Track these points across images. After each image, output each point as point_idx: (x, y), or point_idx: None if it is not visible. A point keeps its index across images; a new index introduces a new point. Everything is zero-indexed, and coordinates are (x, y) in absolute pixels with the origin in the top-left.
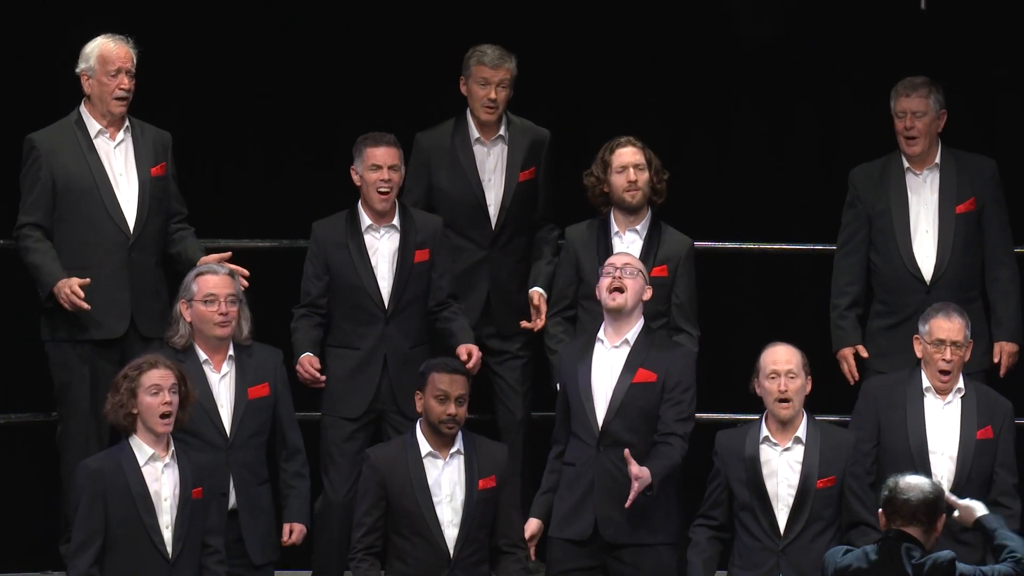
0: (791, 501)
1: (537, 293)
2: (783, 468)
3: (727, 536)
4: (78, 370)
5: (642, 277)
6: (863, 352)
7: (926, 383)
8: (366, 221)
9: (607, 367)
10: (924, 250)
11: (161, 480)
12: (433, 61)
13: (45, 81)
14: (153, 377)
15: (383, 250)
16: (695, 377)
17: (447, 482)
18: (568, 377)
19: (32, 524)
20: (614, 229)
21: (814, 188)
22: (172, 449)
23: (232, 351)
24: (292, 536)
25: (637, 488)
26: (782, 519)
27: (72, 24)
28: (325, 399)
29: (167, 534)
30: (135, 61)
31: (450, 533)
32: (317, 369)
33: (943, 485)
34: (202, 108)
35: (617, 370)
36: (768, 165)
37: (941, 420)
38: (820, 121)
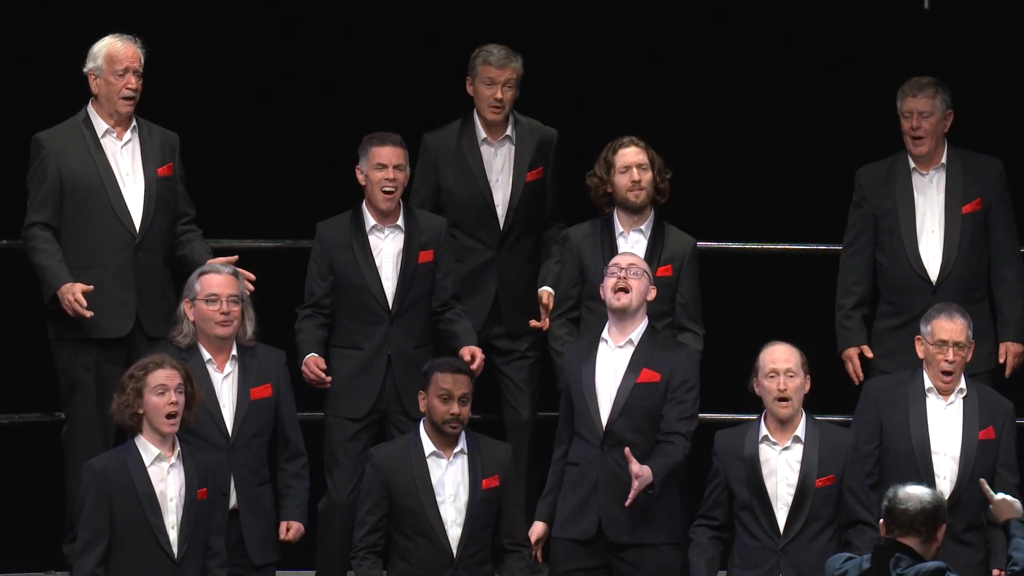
0: (790, 500)
1: (546, 292)
2: (782, 467)
3: (727, 536)
4: (84, 370)
5: (647, 277)
6: (868, 352)
7: (928, 384)
8: (370, 221)
9: (611, 367)
10: (930, 250)
11: (167, 480)
12: (438, 62)
13: (52, 81)
14: (159, 377)
15: (387, 250)
16: (699, 377)
17: (450, 482)
18: (572, 377)
19: (35, 524)
20: (618, 229)
21: (817, 188)
22: (178, 449)
23: (235, 351)
24: (289, 533)
25: (638, 486)
26: (781, 518)
27: (75, 25)
28: (329, 399)
29: (173, 534)
30: (143, 61)
31: (453, 533)
32: (323, 370)
33: (945, 486)
34: (205, 108)
35: (621, 370)
36: (771, 165)
37: (943, 421)
38: (823, 121)
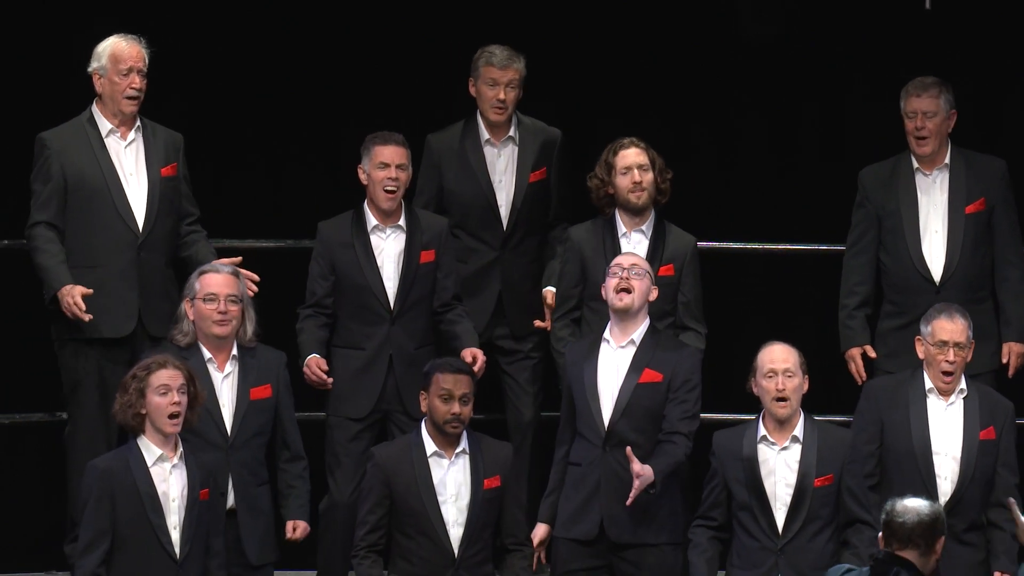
0: (789, 500)
1: (551, 292)
2: (781, 467)
3: (726, 536)
4: (87, 370)
5: (649, 278)
6: (871, 352)
7: (929, 384)
8: (372, 221)
9: (613, 367)
10: (934, 250)
11: (169, 481)
12: (439, 63)
13: (53, 82)
14: (162, 377)
15: (389, 250)
16: (701, 376)
17: (452, 482)
18: (574, 377)
19: (36, 524)
20: (620, 230)
21: (817, 188)
22: (180, 450)
23: (236, 351)
24: (297, 532)
25: (639, 486)
26: (780, 518)
27: (76, 25)
28: (330, 399)
29: (175, 535)
30: (147, 61)
31: (455, 533)
32: (324, 371)
33: (946, 486)
34: (206, 108)
35: (623, 370)
36: (771, 165)
37: (944, 421)
38: (823, 121)
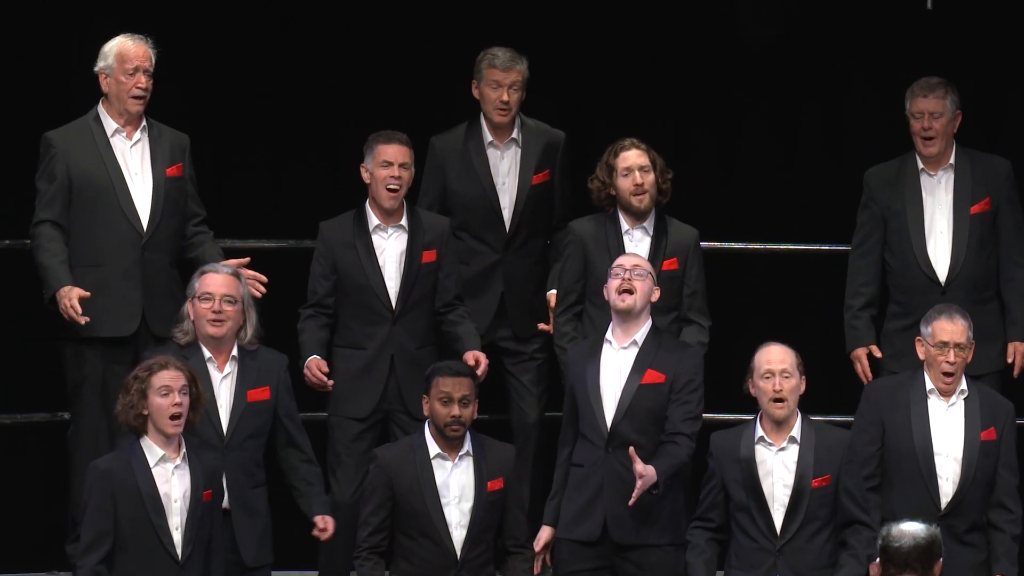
0: (787, 501)
1: (555, 296)
2: (778, 468)
3: (724, 537)
4: (90, 369)
5: (651, 278)
6: (876, 352)
7: (929, 385)
8: (374, 221)
9: (615, 368)
10: (939, 251)
11: (171, 481)
12: (440, 64)
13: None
14: (164, 378)
15: (390, 250)
16: (703, 377)
17: (455, 484)
18: (576, 378)
19: (38, 524)
20: (623, 227)
21: (819, 188)
22: (183, 451)
23: (236, 352)
24: (328, 527)
25: (641, 486)
26: (778, 519)
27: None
28: (332, 399)
29: (176, 535)
30: (153, 61)
31: (457, 535)
32: (325, 373)
33: (947, 487)
34: (207, 108)
35: (625, 371)
36: (772, 165)
37: (945, 422)
38: (824, 121)
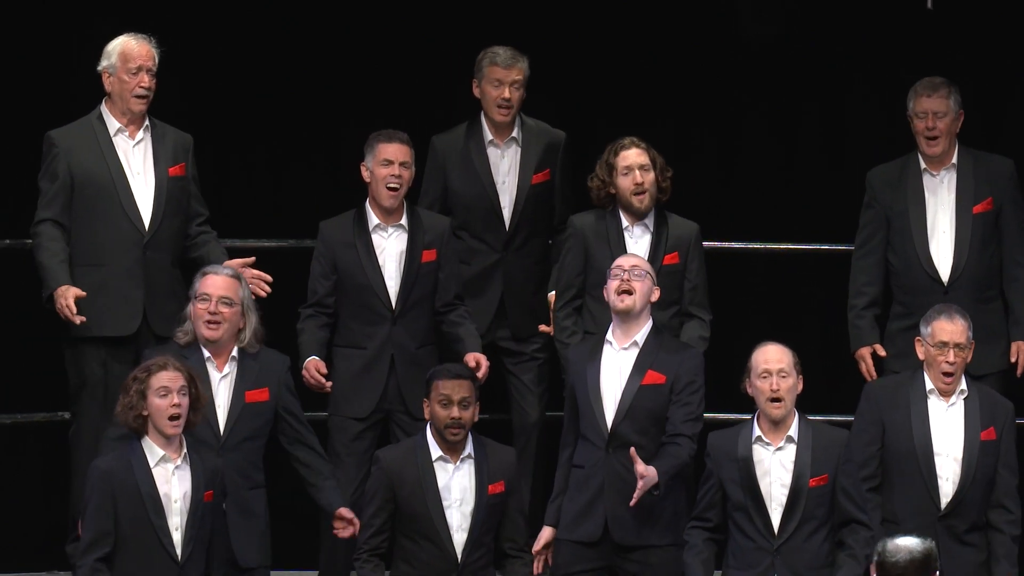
0: (784, 501)
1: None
2: (776, 468)
3: (722, 537)
4: (91, 369)
5: (650, 279)
6: (881, 351)
7: (929, 385)
8: (374, 220)
9: (616, 369)
10: (941, 251)
11: (171, 482)
12: (440, 63)
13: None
14: (162, 379)
15: (390, 250)
16: (704, 378)
17: (457, 487)
18: (577, 379)
19: (38, 524)
20: (623, 223)
21: (819, 188)
22: (184, 451)
23: (236, 352)
24: (354, 520)
25: (642, 486)
26: (776, 519)
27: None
28: (332, 399)
29: (176, 536)
30: (157, 60)
31: (458, 538)
32: (323, 375)
33: (948, 487)
34: (207, 108)
35: (626, 372)
36: (772, 165)
37: (945, 422)
38: (824, 121)
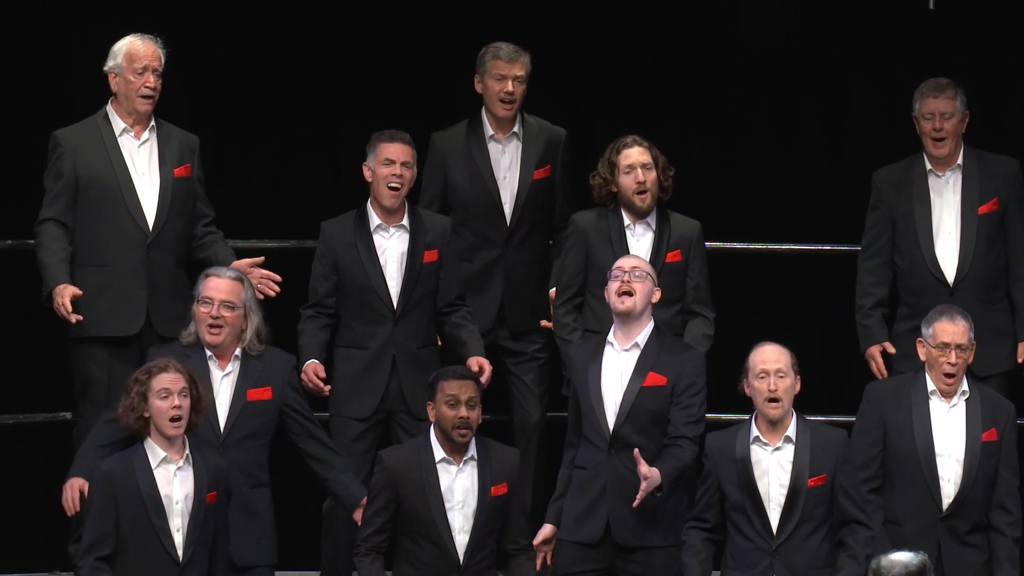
0: (783, 501)
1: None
2: (774, 468)
3: (720, 538)
4: (95, 369)
5: (650, 280)
6: (890, 348)
7: (931, 386)
8: (375, 221)
9: (617, 371)
10: (947, 252)
11: (173, 483)
12: (440, 63)
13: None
14: (163, 381)
15: (392, 250)
16: (705, 380)
17: (460, 489)
18: (579, 381)
19: (38, 524)
20: (625, 221)
21: (820, 188)
22: (187, 452)
23: (239, 352)
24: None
25: (645, 488)
26: (774, 519)
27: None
28: (333, 399)
29: (178, 537)
30: (163, 61)
31: (461, 539)
32: (321, 378)
33: (949, 488)
34: (207, 108)
35: (627, 374)
36: (774, 165)
37: (947, 422)
38: (825, 121)
